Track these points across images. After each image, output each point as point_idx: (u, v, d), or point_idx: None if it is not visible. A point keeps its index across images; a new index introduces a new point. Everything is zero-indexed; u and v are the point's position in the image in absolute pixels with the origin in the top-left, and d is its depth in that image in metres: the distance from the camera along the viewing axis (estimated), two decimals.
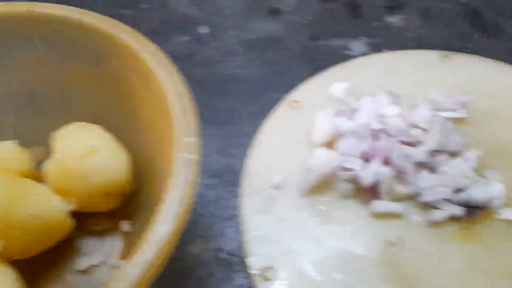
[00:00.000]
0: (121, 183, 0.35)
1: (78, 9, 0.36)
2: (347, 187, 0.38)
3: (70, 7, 0.35)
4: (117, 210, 0.37)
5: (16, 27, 0.35)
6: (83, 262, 0.35)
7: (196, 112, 0.29)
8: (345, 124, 0.40)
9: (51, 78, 0.38)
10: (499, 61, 0.47)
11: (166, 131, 0.31)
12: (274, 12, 0.56)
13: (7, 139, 0.37)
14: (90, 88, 0.38)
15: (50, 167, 0.35)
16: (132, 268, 0.24)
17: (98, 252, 0.36)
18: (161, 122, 0.33)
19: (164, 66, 0.31)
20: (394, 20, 0.55)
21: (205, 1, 0.57)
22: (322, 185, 0.38)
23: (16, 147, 0.37)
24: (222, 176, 0.41)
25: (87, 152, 0.34)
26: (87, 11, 0.36)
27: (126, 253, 0.36)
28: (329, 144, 0.40)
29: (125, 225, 0.37)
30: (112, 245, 0.36)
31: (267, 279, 0.34)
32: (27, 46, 0.37)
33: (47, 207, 0.33)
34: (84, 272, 0.35)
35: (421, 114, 0.39)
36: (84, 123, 0.37)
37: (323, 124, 0.41)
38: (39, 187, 0.33)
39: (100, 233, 0.37)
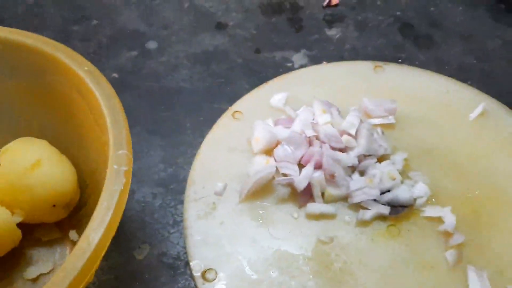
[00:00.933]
0: (66, 195, 0.37)
1: (18, 30, 0.37)
2: (284, 191, 0.41)
3: (9, 28, 0.37)
4: (65, 220, 0.39)
5: None
6: (32, 271, 0.37)
7: (127, 126, 0.31)
8: (281, 132, 0.43)
9: None
10: (427, 70, 0.50)
11: (105, 145, 0.33)
12: (220, 27, 0.59)
13: None
14: (31, 104, 0.39)
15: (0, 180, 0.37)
16: (61, 274, 0.25)
17: (47, 261, 0.37)
18: (101, 136, 0.35)
19: (99, 82, 0.33)
20: (332, 33, 0.58)
21: (153, 17, 0.59)
22: (261, 191, 0.41)
23: None
24: (167, 185, 0.43)
25: (32, 165, 0.36)
26: (26, 32, 0.37)
27: None
28: (268, 152, 0.43)
29: (73, 234, 0.38)
30: (61, 253, 0.38)
31: (208, 281, 0.36)
32: None
33: None
34: (34, 280, 0.36)
35: (350, 122, 0.42)
36: (28, 138, 0.39)
37: (262, 132, 0.43)
38: None
39: (49, 243, 0.38)
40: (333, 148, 0.41)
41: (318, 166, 0.40)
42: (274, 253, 0.37)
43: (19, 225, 0.36)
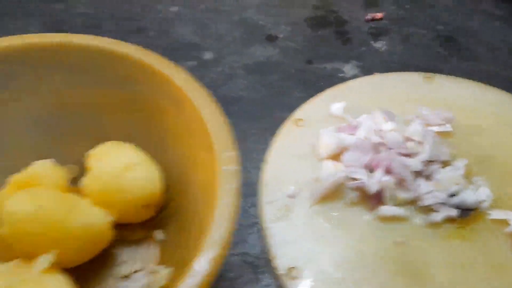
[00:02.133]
0: (155, 195, 0.39)
1: (110, 39, 0.40)
2: (353, 195, 0.43)
3: (102, 38, 0.39)
4: (150, 220, 0.41)
5: (52, 55, 0.39)
6: (123, 269, 0.38)
7: (230, 128, 0.33)
8: (348, 138, 0.45)
9: (84, 102, 0.41)
10: (475, 81, 0.53)
11: (200, 147, 0.35)
12: (271, 39, 0.61)
13: (43, 158, 0.40)
14: (120, 110, 0.41)
15: (89, 182, 0.39)
16: (199, 266, 0.27)
17: (136, 259, 0.39)
18: (193, 139, 0.37)
19: (196, 89, 0.35)
20: (378, 45, 0.61)
21: (206, 30, 0.61)
22: (332, 194, 0.43)
23: (52, 165, 0.40)
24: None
25: (124, 168, 0.38)
26: (118, 41, 0.40)
27: (162, 260, 0.39)
28: (334, 157, 0.45)
29: (158, 234, 0.40)
30: (147, 252, 0.40)
31: (293, 278, 0.38)
32: (62, 72, 0.40)
33: (93, 219, 0.36)
34: (125, 277, 0.38)
35: (415, 129, 0.45)
36: (117, 142, 0.40)
37: (328, 139, 0.45)
38: (82, 201, 0.36)
39: (135, 242, 0.40)
40: (400, 154, 0.43)
41: (387, 171, 0.42)
42: (353, 253, 0.39)
43: None
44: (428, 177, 0.43)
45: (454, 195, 0.42)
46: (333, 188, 0.43)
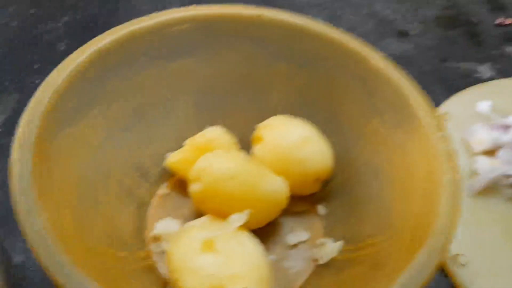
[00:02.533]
0: (327, 170, 0.40)
1: (301, 17, 0.41)
2: (510, 191, 0.43)
3: (295, 15, 0.40)
4: (313, 195, 0.42)
5: (246, 26, 0.40)
6: (291, 238, 0.39)
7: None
8: (505, 137, 0.45)
9: (259, 74, 0.43)
10: None
11: (392, 126, 0.36)
12: (402, 34, 0.62)
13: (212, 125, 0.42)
14: (294, 85, 0.42)
15: (263, 152, 0.40)
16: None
17: (301, 230, 0.40)
18: (380, 117, 0.38)
19: (396, 70, 0.36)
20: (511, 49, 0.60)
21: (337, 20, 0.62)
22: (488, 189, 0.43)
23: (224, 131, 0.42)
24: None
25: (301, 141, 0.39)
26: (308, 17, 0.41)
27: (326, 233, 0.40)
28: (487, 153, 0.45)
29: (321, 209, 0.41)
30: (310, 224, 0.41)
31: (459, 264, 0.38)
32: (246, 44, 0.41)
33: (276, 186, 0.37)
34: (293, 247, 0.39)
35: None
36: (287, 116, 0.42)
37: (482, 135, 0.46)
38: (264, 168, 0.38)
39: (298, 214, 0.41)
40: None
41: None
42: None
43: None
44: None
45: None
46: (492, 183, 0.43)
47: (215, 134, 0.41)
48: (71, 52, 0.35)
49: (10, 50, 0.54)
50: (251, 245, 0.34)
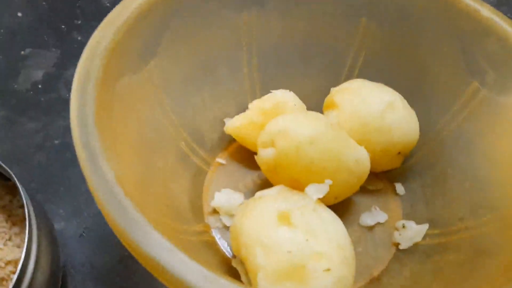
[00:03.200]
0: (412, 143, 0.35)
1: None
2: None
3: None
4: (389, 171, 0.37)
5: None
6: (368, 219, 0.35)
7: None
8: None
9: (331, 31, 0.37)
10: None
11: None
12: None
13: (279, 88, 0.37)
14: (372, 45, 0.37)
15: (341, 119, 0.35)
16: None
17: (377, 210, 0.35)
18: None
19: (502, 18, 0.31)
20: None
21: None
22: None
23: (292, 95, 0.37)
24: None
25: (385, 107, 0.34)
26: None
27: (406, 215, 0.35)
28: None
29: (399, 188, 0.36)
30: (388, 205, 0.36)
31: None
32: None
33: (359, 155, 0.32)
34: (369, 228, 0.34)
35: None
36: (364, 80, 0.37)
37: None
38: (347, 135, 0.33)
39: (374, 193, 0.36)
40: None
41: None
42: None
43: None
44: None
45: None
46: None
47: (284, 96, 0.36)
48: None
49: (52, 3, 0.50)
50: (333, 221, 0.29)
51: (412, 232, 0.33)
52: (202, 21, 0.34)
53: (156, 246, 0.19)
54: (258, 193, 0.31)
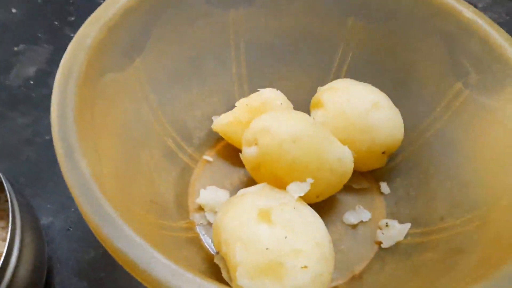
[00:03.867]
0: (396, 143, 0.35)
1: None
2: None
3: None
4: (374, 170, 0.37)
5: None
6: (352, 217, 0.35)
7: None
8: None
9: (319, 29, 0.38)
10: None
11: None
12: None
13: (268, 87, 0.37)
14: (360, 44, 0.37)
15: (326, 117, 0.35)
16: None
17: (361, 209, 0.35)
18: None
19: (487, 21, 0.31)
20: None
21: None
22: None
23: (279, 93, 0.37)
24: None
25: (370, 107, 0.34)
26: None
27: (390, 214, 0.35)
28: None
29: (384, 187, 0.36)
30: (373, 204, 0.36)
31: None
32: None
33: (342, 154, 0.32)
34: (353, 227, 0.35)
35: None
36: (351, 80, 0.37)
37: None
38: (330, 134, 0.33)
39: (359, 192, 0.37)
40: None
41: None
42: None
43: None
44: None
45: None
46: None
47: (271, 95, 0.36)
48: None
49: (45, 0, 0.50)
50: (312, 219, 0.29)
51: (394, 231, 0.34)
52: (189, 19, 0.34)
53: (127, 242, 0.19)
54: (241, 191, 0.31)
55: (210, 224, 0.34)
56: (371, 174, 0.37)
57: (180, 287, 0.19)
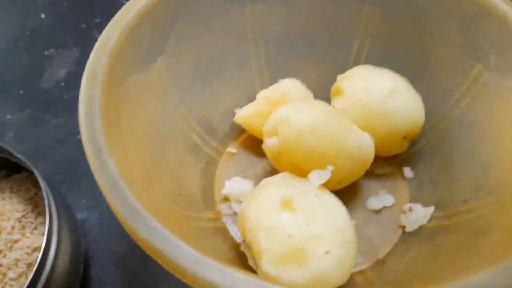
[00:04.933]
0: (417, 127, 0.35)
1: None
2: None
3: None
4: (396, 155, 0.37)
5: None
6: (375, 202, 0.35)
7: None
8: None
9: (335, 19, 0.38)
10: None
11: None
12: None
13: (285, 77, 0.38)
14: (378, 31, 0.38)
15: (346, 105, 0.36)
16: None
17: (384, 194, 0.36)
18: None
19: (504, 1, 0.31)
20: None
21: None
22: None
23: (298, 83, 0.38)
24: None
25: (389, 93, 0.34)
26: None
27: (413, 198, 0.36)
28: None
29: (407, 171, 0.37)
30: (396, 189, 0.36)
31: None
32: None
33: (363, 141, 0.33)
34: (376, 212, 0.35)
35: None
36: (370, 66, 0.37)
37: None
38: (349, 121, 0.34)
39: (382, 177, 0.37)
40: None
41: None
42: None
43: None
44: None
45: None
46: None
47: (290, 86, 0.37)
48: None
49: (70, 3, 0.52)
50: (334, 205, 0.30)
51: (418, 215, 0.34)
52: (207, 17, 0.35)
53: (152, 232, 0.21)
54: (264, 180, 0.32)
55: (235, 213, 0.35)
56: (394, 159, 0.38)
57: (204, 273, 0.20)
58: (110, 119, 0.26)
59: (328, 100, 0.37)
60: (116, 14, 0.29)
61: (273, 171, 0.36)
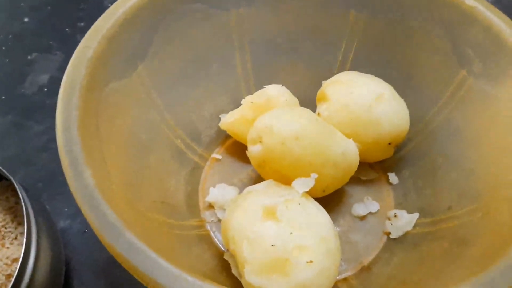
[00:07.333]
0: (403, 133, 0.35)
1: None
2: None
3: None
4: (382, 161, 0.37)
5: None
6: (360, 209, 0.35)
7: None
8: None
9: (321, 24, 0.38)
10: None
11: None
12: None
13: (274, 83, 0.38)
14: (363, 37, 0.37)
15: (331, 111, 0.35)
16: None
17: (369, 200, 0.36)
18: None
19: (488, 8, 0.31)
20: None
21: None
22: None
23: (284, 89, 0.37)
24: None
25: (375, 99, 0.34)
26: None
27: (398, 204, 0.36)
28: None
29: (392, 177, 0.37)
30: (381, 195, 0.36)
31: None
32: None
33: (347, 148, 0.33)
34: (361, 218, 0.35)
35: None
36: (355, 72, 0.37)
37: None
38: (333, 128, 0.33)
39: (367, 183, 0.37)
40: None
41: None
42: None
43: None
44: None
45: None
46: None
47: (276, 91, 0.37)
48: None
49: (54, 7, 0.51)
50: (318, 214, 0.30)
51: (403, 221, 0.34)
52: (190, 22, 0.35)
53: (129, 248, 0.20)
54: (247, 188, 0.32)
55: (220, 221, 0.35)
56: (379, 165, 0.37)
57: None
58: (89, 129, 0.26)
59: (313, 105, 0.36)
60: (95, 23, 0.29)
61: (259, 178, 0.35)
